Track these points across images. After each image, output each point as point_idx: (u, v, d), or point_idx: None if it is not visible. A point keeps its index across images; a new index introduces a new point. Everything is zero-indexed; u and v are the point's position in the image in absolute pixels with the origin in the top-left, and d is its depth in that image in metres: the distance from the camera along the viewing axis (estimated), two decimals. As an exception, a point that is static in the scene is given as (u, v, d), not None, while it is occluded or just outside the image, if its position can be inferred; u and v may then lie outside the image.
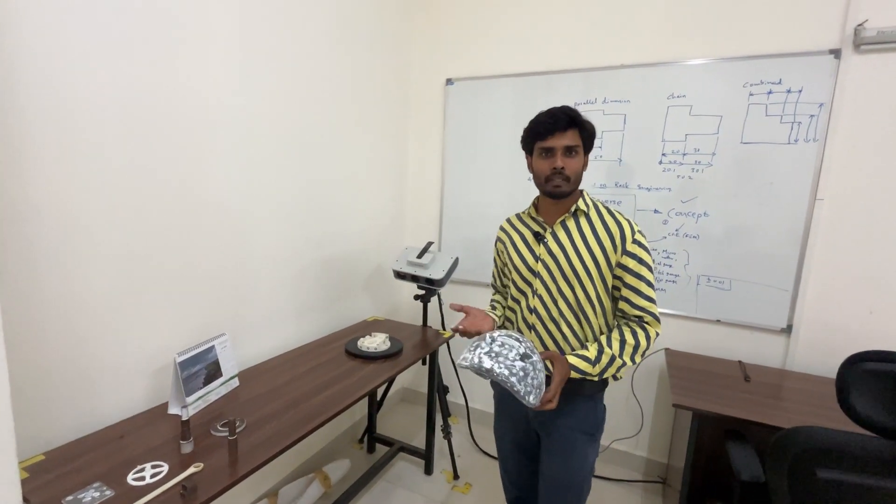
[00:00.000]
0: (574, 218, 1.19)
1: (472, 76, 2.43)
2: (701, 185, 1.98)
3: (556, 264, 1.18)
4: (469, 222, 2.55)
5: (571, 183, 1.13)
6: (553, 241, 1.19)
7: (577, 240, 1.17)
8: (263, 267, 1.75)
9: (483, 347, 1.05)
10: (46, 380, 1.12)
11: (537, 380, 1.03)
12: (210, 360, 1.39)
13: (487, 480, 2.16)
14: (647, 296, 1.14)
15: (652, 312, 1.15)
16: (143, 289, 1.32)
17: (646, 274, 1.14)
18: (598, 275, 1.15)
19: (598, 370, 1.12)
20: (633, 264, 1.14)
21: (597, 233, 1.16)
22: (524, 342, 1.08)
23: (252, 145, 1.64)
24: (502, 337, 1.07)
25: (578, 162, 1.14)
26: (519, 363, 1.02)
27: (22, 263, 1.06)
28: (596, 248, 1.15)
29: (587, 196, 1.22)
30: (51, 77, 1.07)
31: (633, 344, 1.13)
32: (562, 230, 1.19)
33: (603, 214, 1.18)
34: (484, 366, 1.01)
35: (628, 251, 1.13)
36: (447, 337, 2.10)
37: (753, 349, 1.95)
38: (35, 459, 1.07)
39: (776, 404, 1.56)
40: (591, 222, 1.17)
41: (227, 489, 1.01)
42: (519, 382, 1.00)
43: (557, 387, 1.07)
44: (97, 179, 1.18)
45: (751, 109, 1.86)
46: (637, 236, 1.14)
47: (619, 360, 1.13)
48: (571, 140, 1.12)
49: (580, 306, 1.18)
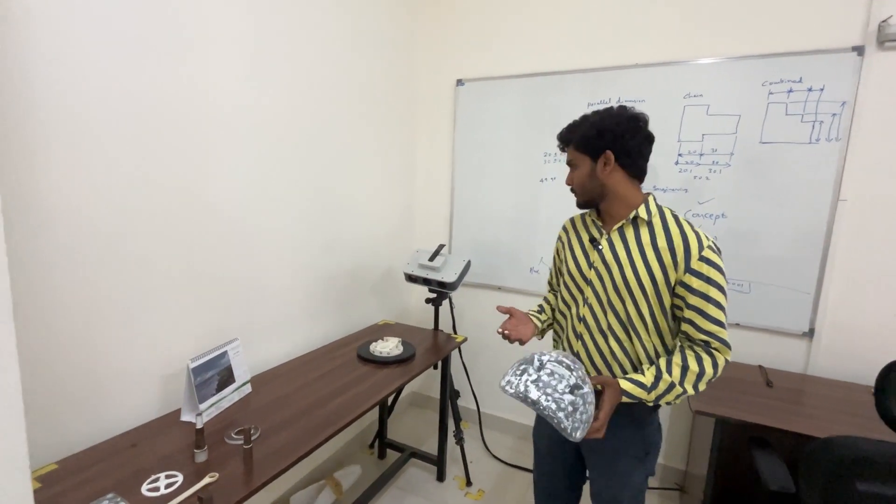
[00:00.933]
0: (633, 226, 1.10)
1: (483, 77, 2.40)
2: (718, 186, 1.94)
3: (608, 274, 1.11)
4: (479, 225, 2.52)
5: (579, 194, 1.16)
6: (608, 249, 1.12)
7: (634, 251, 1.08)
8: (273, 271, 1.72)
9: (530, 374, 0.96)
10: (59, 386, 1.10)
11: (587, 414, 0.94)
12: (223, 365, 1.36)
13: (500, 487, 2.12)
14: (715, 319, 1.01)
15: (720, 338, 1.01)
16: (154, 294, 1.30)
17: (714, 294, 1.00)
18: (653, 292, 1.06)
19: (654, 396, 1.04)
20: (698, 284, 1.01)
21: (657, 245, 1.05)
22: (576, 370, 0.98)
23: (261, 149, 1.62)
24: (552, 363, 0.97)
25: (578, 174, 1.14)
26: (568, 396, 0.93)
27: (35, 270, 1.04)
28: (654, 262, 1.05)
29: (653, 202, 1.10)
30: (60, 81, 1.05)
31: (697, 371, 1.02)
32: (618, 238, 1.11)
33: (668, 224, 1.06)
34: (530, 396, 0.93)
35: (693, 269, 1.01)
36: (460, 341, 2.07)
37: (774, 353, 1.91)
38: (48, 469, 1.04)
39: (801, 410, 1.52)
40: (653, 232, 1.07)
41: (244, 500, 0.98)
42: (567, 418, 0.92)
43: (606, 416, 1.01)
44: (109, 186, 1.16)
45: (770, 108, 1.82)
46: (706, 252, 1.01)
47: (678, 387, 1.02)
48: (570, 156, 1.16)
49: (631, 322, 1.09)
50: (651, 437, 1.16)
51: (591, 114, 1.13)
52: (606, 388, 1.04)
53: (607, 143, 1.07)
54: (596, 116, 1.10)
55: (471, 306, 2.59)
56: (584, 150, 1.11)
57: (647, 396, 1.04)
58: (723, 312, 1.01)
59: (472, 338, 2.59)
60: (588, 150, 1.10)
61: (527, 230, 2.38)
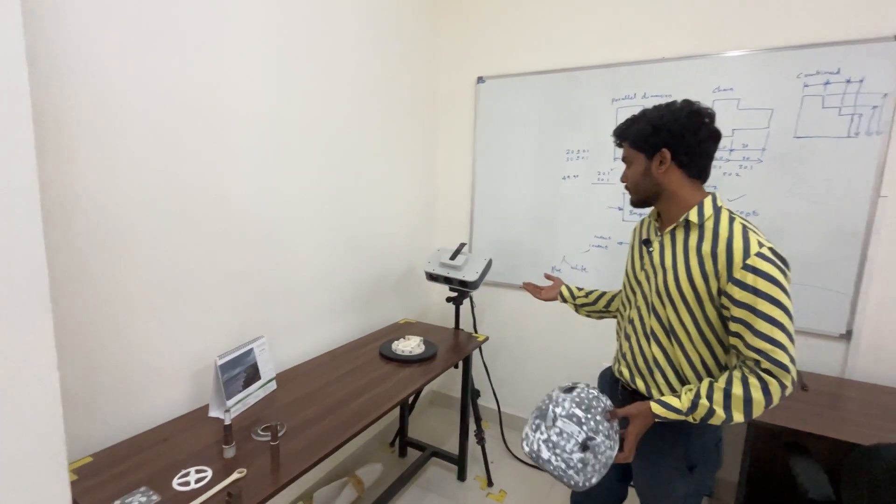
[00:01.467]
0: (684, 229, 1.03)
1: (504, 74, 2.38)
2: (749, 183, 1.88)
3: (654, 277, 1.07)
4: (500, 223, 2.49)
5: (633, 192, 1.13)
6: (658, 251, 1.08)
7: (679, 256, 1.02)
8: (296, 270, 1.74)
9: (542, 433, 0.99)
10: (93, 382, 1.13)
11: (600, 463, 0.97)
12: (249, 362, 1.38)
13: (522, 488, 2.10)
14: (766, 335, 0.89)
15: (773, 358, 0.88)
16: (182, 292, 1.32)
17: (763, 307, 0.89)
18: (694, 300, 0.99)
19: (696, 420, 0.97)
20: (742, 295, 0.91)
21: (701, 251, 0.98)
22: (587, 422, 0.98)
23: (283, 148, 1.63)
24: (562, 420, 0.99)
25: (632, 172, 1.11)
26: (577, 455, 0.95)
27: (72, 268, 1.06)
28: (696, 269, 0.98)
29: (709, 204, 1.01)
30: (93, 82, 1.08)
31: (743, 397, 0.90)
32: (669, 241, 1.06)
33: (720, 229, 0.97)
34: (542, 456, 0.97)
35: (735, 279, 0.92)
36: (481, 340, 2.05)
37: (808, 356, 1.84)
38: (84, 461, 1.07)
39: (839, 416, 1.46)
40: (701, 237, 0.99)
41: (272, 496, 0.99)
42: (577, 474, 0.94)
43: (631, 445, 1.01)
44: (139, 186, 1.19)
45: (805, 101, 1.75)
46: (752, 260, 0.90)
47: (720, 413, 0.92)
48: (625, 153, 1.13)
49: (672, 329, 1.04)
50: (698, 451, 1.07)
51: (650, 108, 1.07)
52: (633, 419, 1.01)
53: (663, 140, 1.01)
54: (654, 112, 1.04)
55: (492, 305, 2.57)
56: (638, 147, 1.07)
57: (688, 418, 0.97)
58: (779, 330, 0.89)
59: (493, 337, 2.57)
60: (643, 147, 1.05)
61: (549, 228, 2.35)
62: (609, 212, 2.18)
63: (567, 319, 2.35)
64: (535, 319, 2.44)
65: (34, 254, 0.83)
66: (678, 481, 1.08)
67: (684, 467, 1.07)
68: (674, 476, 1.09)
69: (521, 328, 2.50)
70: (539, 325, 2.44)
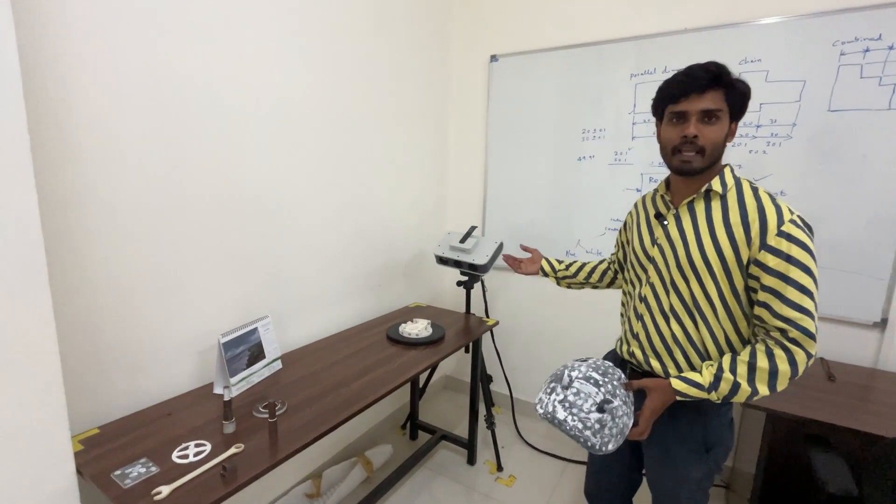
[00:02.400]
0: (705, 200, 0.99)
1: (518, 51, 2.30)
2: (777, 161, 1.76)
3: (672, 252, 1.02)
4: (513, 206, 2.44)
5: (706, 157, 0.94)
6: (674, 225, 1.02)
7: (703, 227, 0.97)
8: (304, 251, 1.74)
9: (558, 394, 0.97)
10: (98, 360, 1.16)
11: (617, 427, 0.94)
12: (253, 342, 1.39)
13: (532, 474, 2.08)
14: (796, 303, 0.87)
15: (801, 326, 0.87)
16: (188, 271, 1.34)
17: (795, 275, 0.87)
18: (721, 271, 0.95)
19: (718, 397, 0.94)
20: (775, 262, 0.89)
21: (729, 220, 0.94)
22: (605, 385, 0.96)
23: (290, 129, 1.62)
24: (580, 381, 0.97)
25: (718, 130, 0.93)
26: (595, 415, 0.92)
27: (72, 248, 1.08)
28: (724, 238, 0.94)
29: (729, 174, 0.99)
30: (94, 57, 1.08)
31: (769, 369, 0.89)
32: (687, 213, 1.01)
33: (745, 197, 0.94)
34: (557, 416, 0.95)
35: (769, 246, 0.89)
36: (491, 324, 2.02)
37: (838, 346, 1.73)
38: (90, 433, 1.10)
39: (867, 408, 1.37)
40: (726, 206, 0.95)
41: (266, 472, 1.00)
42: (594, 436, 0.92)
43: (647, 421, 0.98)
44: (147, 166, 1.20)
45: (841, 72, 1.62)
46: (787, 227, 0.88)
47: (745, 387, 0.90)
48: (712, 103, 0.92)
49: (696, 304, 1.00)
50: (716, 432, 1.05)
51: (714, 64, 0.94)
52: (651, 392, 0.98)
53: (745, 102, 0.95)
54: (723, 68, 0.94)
55: (504, 290, 2.53)
56: (736, 105, 0.94)
57: (710, 396, 0.94)
58: (808, 298, 0.87)
59: (505, 322, 2.53)
60: (737, 108, 0.95)
61: (563, 211, 2.28)
62: (626, 193, 2.10)
63: (582, 304, 2.29)
64: (549, 304, 2.39)
65: (28, 225, 0.84)
66: (695, 465, 1.05)
67: (702, 450, 1.04)
68: (690, 460, 1.05)
69: (535, 313, 2.45)
70: (553, 311, 2.39)
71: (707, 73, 0.92)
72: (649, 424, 0.98)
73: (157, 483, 0.93)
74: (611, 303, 2.18)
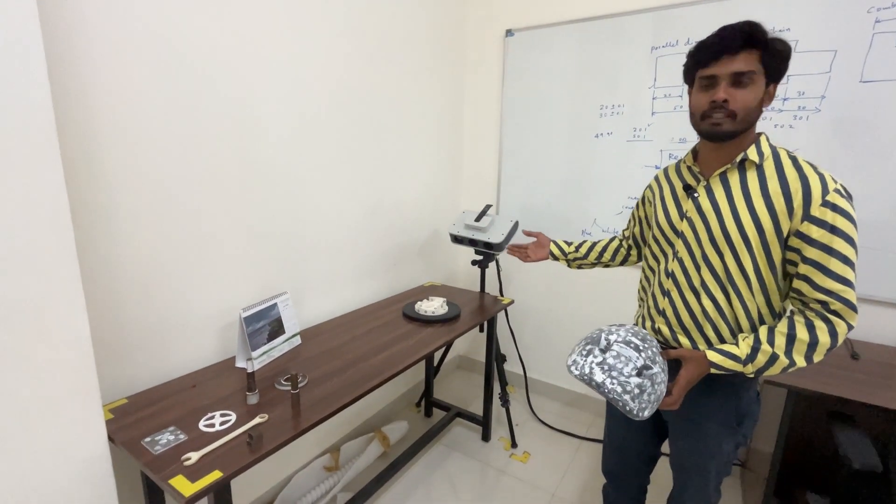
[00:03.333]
0: (739, 170, 0.95)
1: (534, 25, 2.24)
2: (804, 135, 1.71)
3: (704, 225, 0.98)
4: (528, 184, 2.41)
5: (738, 121, 0.90)
6: (706, 196, 0.98)
7: (738, 198, 0.93)
8: (322, 230, 1.75)
9: (596, 356, 0.94)
10: (124, 332, 1.18)
11: (655, 394, 0.92)
12: (273, 317, 1.41)
13: (546, 451, 2.10)
14: (839, 275, 0.85)
15: (844, 298, 0.85)
16: (208, 248, 1.35)
17: (839, 246, 0.85)
18: (759, 244, 0.92)
19: (753, 370, 0.92)
20: (820, 234, 0.85)
21: (767, 191, 0.90)
22: (645, 350, 0.94)
23: (308, 108, 1.61)
24: (619, 344, 0.94)
25: (751, 94, 0.88)
26: (635, 379, 0.90)
27: (96, 223, 1.09)
28: (762, 209, 0.90)
29: (765, 142, 0.94)
30: (107, 28, 1.07)
31: (808, 341, 0.87)
32: (720, 185, 0.97)
33: (784, 167, 0.90)
34: (595, 379, 0.92)
35: (813, 217, 0.85)
36: (506, 303, 2.02)
37: (862, 324, 1.69)
38: (119, 403, 1.13)
39: (893, 385, 1.34)
40: (763, 176, 0.91)
41: (290, 441, 1.02)
42: (633, 400, 0.90)
43: (681, 391, 0.96)
44: (165, 143, 1.20)
45: (876, 40, 1.55)
46: (832, 197, 0.85)
47: (783, 359, 0.89)
48: (744, 64, 0.87)
49: (730, 279, 0.97)
50: (747, 406, 1.04)
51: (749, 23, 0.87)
52: (686, 362, 0.97)
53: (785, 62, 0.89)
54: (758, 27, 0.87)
55: (518, 270, 2.52)
56: (772, 66, 0.88)
57: (744, 369, 0.93)
58: (851, 269, 0.85)
59: (519, 302, 2.53)
60: (775, 69, 0.89)
61: (579, 190, 2.25)
62: (644, 171, 2.05)
63: (597, 284, 2.27)
64: (564, 284, 2.38)
65: (58, 198, 0.85)
66: (726, 438, 1.04)
67: (734, 423, 1.04)
68: (722, 433, 1.04)
69: (550, 293, 2.44)
70: (567, 290, 2.38)
71: (741, 34, 0.86)
72: (682, 395, 0.97)
73: (185, 450, 0.95)
74: (625, 282, 2.16)
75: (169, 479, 0.87)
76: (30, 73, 0.79)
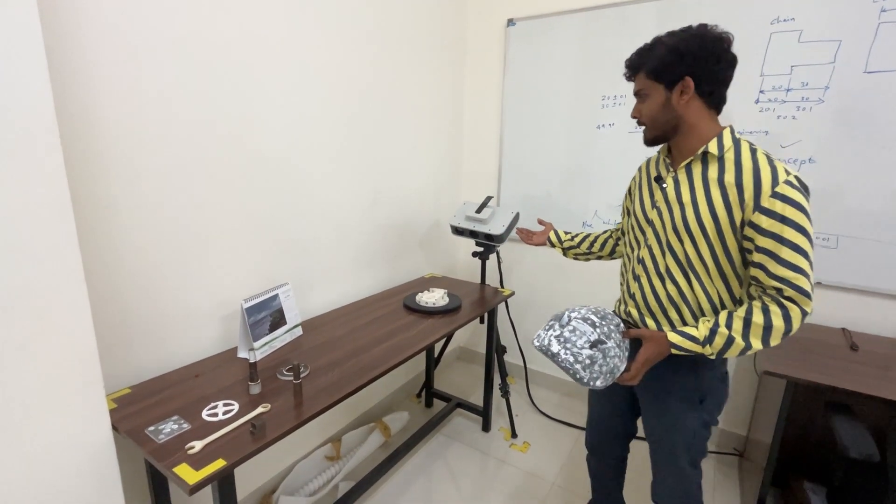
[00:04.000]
0: (702, 162, 1.00)
1: (536, 15, 2.22)
2: (807, 126, 1.70)
3: (669, 214, 1.04)
4: (529, 176, 2.40)
5: (651, 128, 1.05)
6: (672, 187, 1.05)
7: (699, 189, 0.99)
8: (323, 221, 1.74)
9: (555, 330, 1.04)
10: (126, 323, 1.18)
11: (607, 367, 1.00)
12: (274, 307, 1.41)
13: (546, 441, 2.11)
14: (791, 263, 0.89)
15: (796, 285, 0.89)
16: (209, 238, 1.34)
17: (790, 235, 0.89)
18: (715, 233, 0.97)
19: (712, 351, 0.97)
20: (769, 223, 0.90)
21: (724, 182, 0.95)
22: (601, 327, 1.03)
23: (309, 98, 1.59)
24: (577, 320, 1.04)
25: (650, 105, 1.03)
26: (587, 351, 0.99)
27: (95, 213, 1.09)
28: (718, 200, 0.96)
29: (728, 135, 0.99)
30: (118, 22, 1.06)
31: (764, 325, 0.92)
32: (684, 176, 1.03)
33: (742, 158, 0.95)
34: (551, 349, 1.01)
35: (762, 207, 0.90)
36: (507, 295, 2.02)
37: (862, 316, 1.70)
38: (122, 392, 1.14)
39: (891, 376, 1.35)
40: (723, 168, 0.96)
41: (293, 430, 1.02)
42: (583, 370, 0.98)
43: (640, 367, 1.02)
44: (166, 133, 1.19)
45: (881, 30, 1.54)
46: (781, 188, 0.89)
47: (739, 342, 0.94)
48: (639, 85, 1.05)
49: (690, 265, 1.03)
50: (709, 383, 1.09)
51: (665, 35, 1.00)
52: (646, 342, 1.02)
53: (687, 68, 0.96)
54: (673, 38, 0.97)
55: (519, 262, 2.52)
56: (658, 77, 1.00)
57: (703, 350, 0.97)
58: (803, 257, 0.89)
59: (520, 294, 2.54)
60: (663, 77, 0.99)
61: (580, 181, 2.24)
62: (646, 162, 2.04)
63: (595, 276, 2.28)
64: (564, 277, 2.38)
65: (58, 188, 0.84)
66: (689, 414, 1.10)
67: (695, 399, 1.09)
68: (684, 409, 1.10)
69: (550, 285, 2.45)
70: (568, 283, 2.38)
71: (629, 64, 1.05)
72: (641, 372, 1.02)
73: (189, 439, 0.96)
74: (628, 274, 2.16)
75: (173, 468, 0.88)
76: (29, 64, 0.78)
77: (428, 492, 1.80)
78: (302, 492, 1.67)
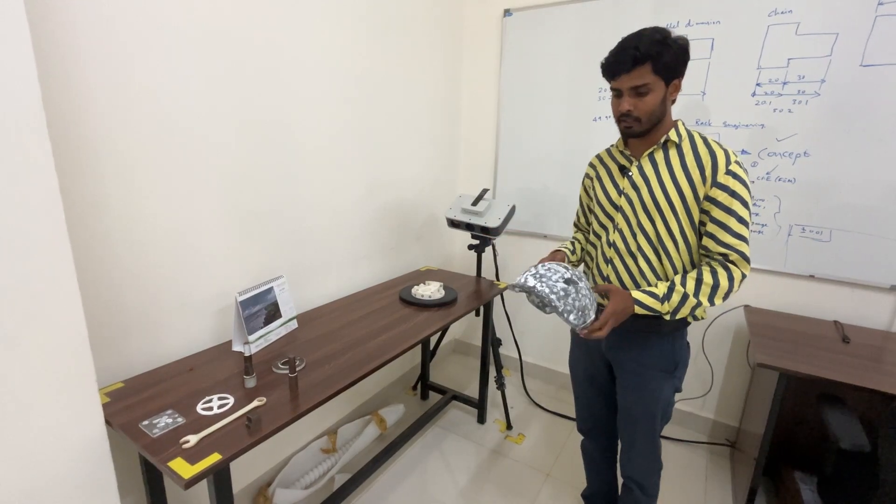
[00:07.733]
0: (663, 150, 1.12)
1: (533, 5, 2.19)
2: (803, 120, 1.70)
3: (638, 197, 1.13)
4: (525, 169, 2.39)
5: (644, 123, 1.07)
6: (638, 173, 1.14)
7: (664, 172, 1.10)
8: (318, 214, 1.73)
9: (531, 270, 1.10)
10: (119, 315, 1.17)
11: (579, 302, 1.05)
12: (269, 301, 1.40)
13: (541, 433, 2.13)
14: (737, 233, 1.04)
15: (739, 251, 1.04)
16: (201, 230, 1.33)
17: (737, 209, 1.03)
18: (682, 208, 1.09)
19: (669, 309, 1.07)
20: (724, 197, 1.04)
21: (686, 164, 1.08)
22: (573, 272, 1.10)
23: (302, 89, 1.57)
24: (551, 263, 1.12)
25: (652, 100, 1.04)
26: (561, 284, 1.05)
27: (90, 210, 1.07)
28: (683, 180, 1.08)
29: (682, 127, 1.12)
30: (109, 13, 1.04)
31: (712, 284, 1.06)
32: (648, 163, 1.13)
33: (697, 145, 1.09)
34: (528, 284, 1.06)
35: (719, 182, 1.04)
36: (502, 288, 2.02)
37: (853, 309, 1.72)
38: (115, 386, 1.13)
39: (882, 368, 1.37)
40: (682, 154, 1.09)
41: (289, 424, 1.02)
42: (559, 300, 1.03)
43: (608, 317, 1.06)
44: (154, 123, 1.17)
45: (878, 23, 1.53)
46: (733, 167, 1.03)
47: (692, 299, 1.06)
48: (639, 79, 1.02)
49: (660, 241, 1.12)
50: (679, 351, 1.20)
51: (656, 33, 1.01)
52: (613, 295, 1.09)
53: (684, 68, 1.05)
54: (672, 38, 1.02)
55: (515, 255, 2.52)
56: (667, 73, 1.03)
57: (662, 307, 1.07)
58: (745, 228, 1.04)
59: (515, 287, 2.54)
60: (671, 73, 1.03)
61: (576, 174, 2.24)
62: (642, 155, 2.04)
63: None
64: (560, 269, 2.38)
65: (47, 180, 0.83)
66: (665, 383, 1.20)
67: (672, 367, 1.19)
68: (660, 378, 1.19)
69: (545, 278, 2.45)
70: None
71: (630, 53, 1.00)
72: (608, 323, 1.06)
73: (184, 433, 0.96)
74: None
75: (168, 462, 0.87)
76: (16, 54, 0.76)
77: (424, 484, 1.80)
78: (298, 484, 1.67)
